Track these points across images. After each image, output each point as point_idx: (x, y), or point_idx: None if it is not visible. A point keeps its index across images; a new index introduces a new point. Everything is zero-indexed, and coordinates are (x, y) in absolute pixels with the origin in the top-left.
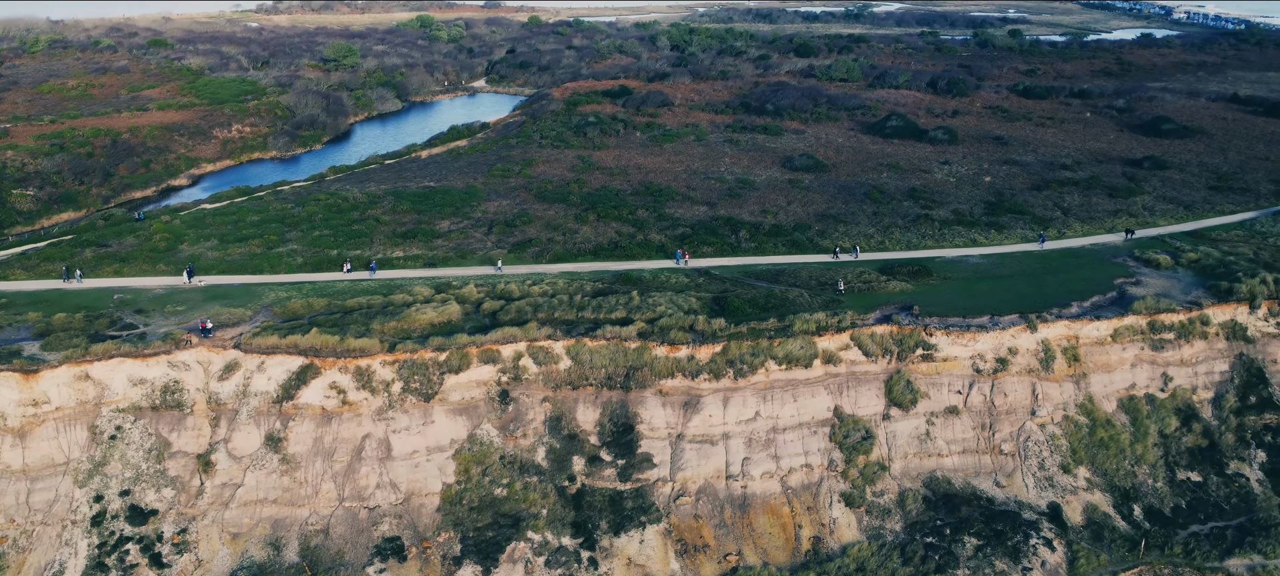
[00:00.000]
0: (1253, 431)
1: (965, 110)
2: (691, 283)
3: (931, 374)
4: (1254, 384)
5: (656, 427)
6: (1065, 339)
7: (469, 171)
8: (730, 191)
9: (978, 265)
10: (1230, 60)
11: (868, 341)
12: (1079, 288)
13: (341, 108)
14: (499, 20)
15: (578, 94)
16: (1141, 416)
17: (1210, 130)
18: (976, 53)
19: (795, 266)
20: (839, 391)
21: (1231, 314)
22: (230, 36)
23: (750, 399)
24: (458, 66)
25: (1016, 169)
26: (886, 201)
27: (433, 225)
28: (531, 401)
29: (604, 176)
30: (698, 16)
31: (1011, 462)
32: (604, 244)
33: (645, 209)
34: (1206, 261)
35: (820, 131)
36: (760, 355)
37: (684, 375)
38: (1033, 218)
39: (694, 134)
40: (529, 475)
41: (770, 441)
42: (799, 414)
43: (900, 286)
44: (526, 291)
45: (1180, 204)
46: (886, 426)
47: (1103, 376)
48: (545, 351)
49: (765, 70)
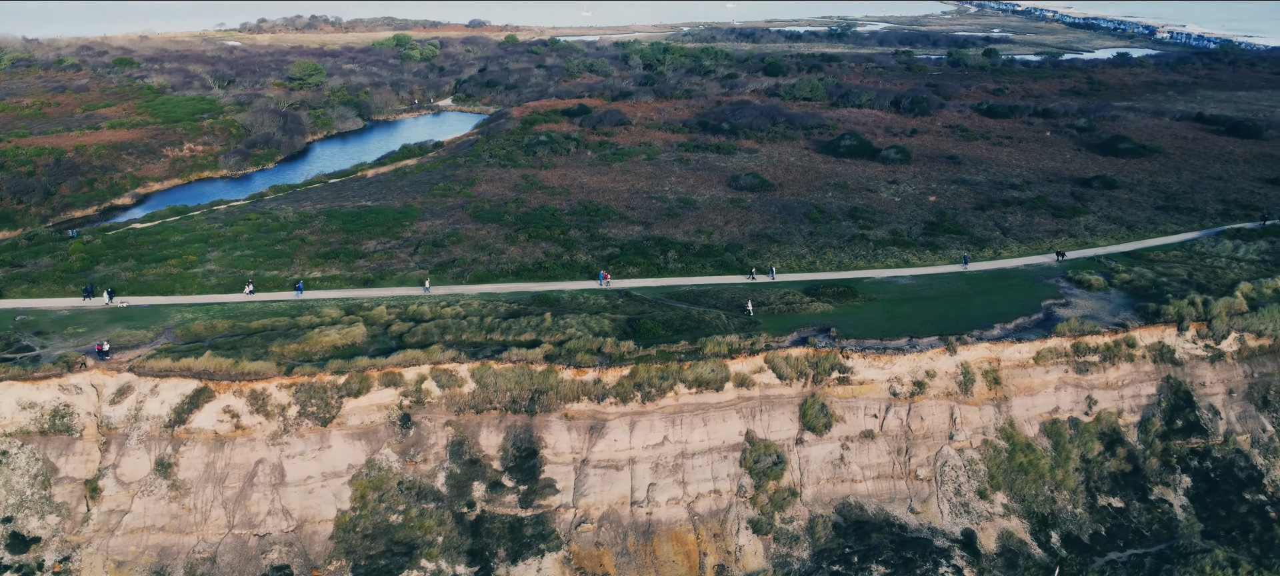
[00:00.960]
0: (1178, 455)
1: (925, 129)
2: (609, 304)
3: (848, 397)
4: (1181, 407)
5: (561, 452)
6: (986, 361)
7: (410, 191)
8: (669, 211)
9: (907, 286)
10: (1202, 79)
11: (782, 364)
12: (1006, 309)
13: (299, 126)
14: (476, 39)
15: (536, 113)
16: (1064, 440)
17: (1169, 149)
18: (948, 72)
19: (718, 288)
20: (752, 415)
21: (1159, 336)
22: (200, 55)
23: (658, 423)
24: (425, 85)
25: (965, 188)
26: (825, 221)
27: (358, 245)
28: (434, 425)
29: (545, 196)
30: (681, 36)
31: (927, 488)
32: (529, 265)
33: (579, 229)
34: (1139, 282)
35: (775, 150)
36: (669, 378)
37: (590, 399)
38: (971, 238)
39: (645, 153)
40: (427, 501)
41: (678, 466)
42: (709, 438)
43: (823, 308)
44: (438, 313)
45: (1124, 224)
46: (799, 451)
47: (1025, 400)
48: (449, 374)
49: (731, 89)
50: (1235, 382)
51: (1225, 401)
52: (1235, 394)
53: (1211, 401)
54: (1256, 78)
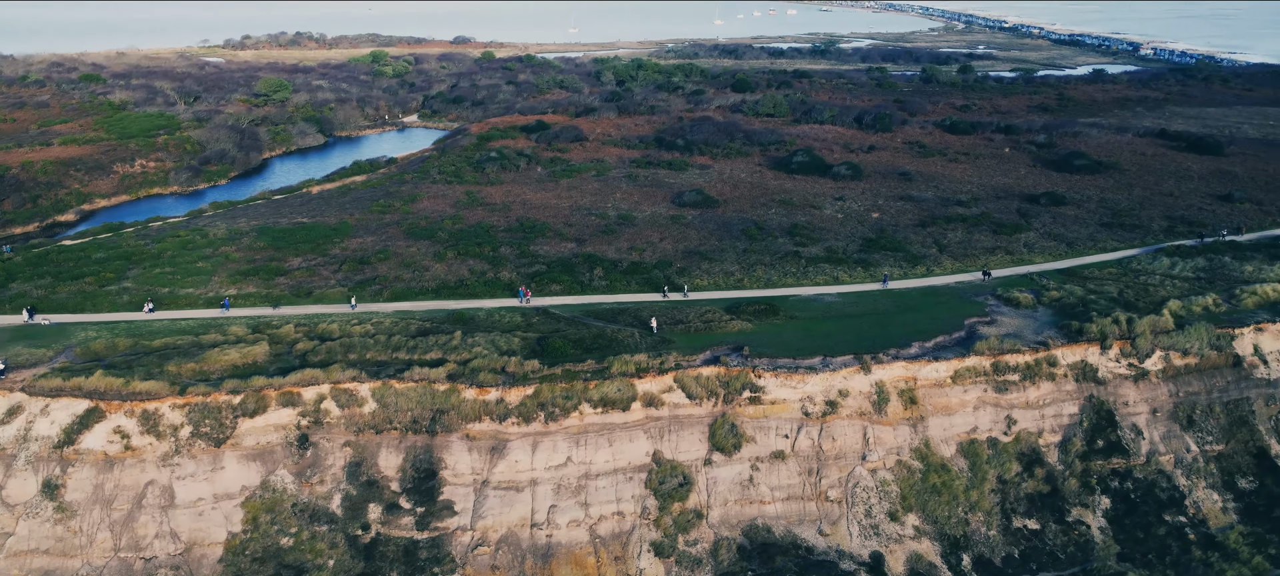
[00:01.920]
0: (1099, 476)
1: (883, 145)
2: (525, 322)
3: (759, 417)
4: (1102, 427)
5: (461, 473)
6: (903, 381)
7: (351, 207)
8: (607, 228)
9: (832, 304)
10: (1173, 96)
11: (692, 383)
12: (929, 327)
13: (256, 143)
14: (453, 56)
15: (495, 129)
16: (981, 461)
17: (1126, 165)
18: (919, 88)
19: (638, 305)
20: (660, 435)
21: (1082, 354)
22: (169, 71)
23: (561, 443)
24: (392, 101)
25: (911, 204)
26: (762, 238)
27: (283, 262)
28: (332, 446)
29: (484, 212)
30: (664, 52)
31: (837, 509)
32: (452, 282)
33: (511, 246)
34: (1068, 300)
35: (728, 166)
36: (574, 398)
37: (492, 419)
38: (906, 255)
39: (596, 169)
40: (320, 523)
41: (581, 487)
42: (614, 459)
43: (742, 326)
44: (347, 331)
45: (1064, 241)
46: (707, 472)
47: (942, 419)
48: (349, 394)
49: (696, 105)
50: (1160, 402)
51: (1149, 421)
52: (1160, 413)
53: (1135, 421)
54: (1228, 94)
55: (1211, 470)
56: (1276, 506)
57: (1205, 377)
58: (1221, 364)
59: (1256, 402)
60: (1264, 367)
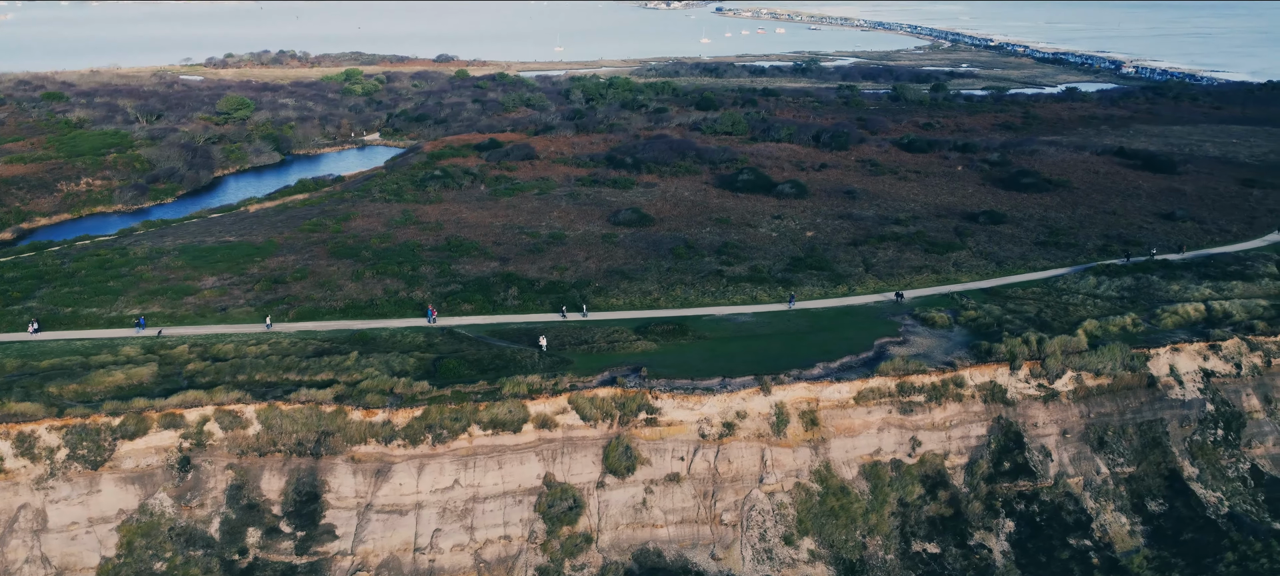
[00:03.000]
0: (1004, 499)
1: (836, 163)
2: (426, 342)
3: (655, 439)
4: (1010, 449)
5: (345, 496)
6: (805, 402)
7: (283, 226)
8: (535, 247)
9: (745, 324)
10: (1140, 114)
11: (587, 405)
12: (838, 347)
13: (208, 161)
14: (427, 75)
15: (449, 147)
16: (883, 483)
17: (1076, 183)
18: (886, 106)
19: (545, 326)
20: (552, 458)
21: (991, 375)
22: (135, 89)
23: (449, 466)
24: (357, 119)
25: (848, 223)
26: (690, 256)
27: (197, 282)
28: (214, 469)
29: (416, 231)
30: (646, 70)
31: (732, 533)
32: (363, 301)
33: (433, 265)
34: (984, 320)
35: (674, 185)
36: (463, 419)
37: (378, 441)
38: (831, 274)
39: (539, 188)
40: (197, 547)
41: (468, 511)
42: (504, 481)
43: (647, 346)
44: (242, 351)
45: (995, 260)
46: (600, 495)
47: (845, 441)
48: (234, 416)
49: (656, 123)
50: (1070, 423)
51: (1058, 442)
52: (1070, 435)
53: (1044, 442)
54: (1197, 112)
55: (1121, 492)
56: (1185, 529)
57: (1118, 398)
58: (1135, 384)
59: (1171, 423)
60: (1179, 388)
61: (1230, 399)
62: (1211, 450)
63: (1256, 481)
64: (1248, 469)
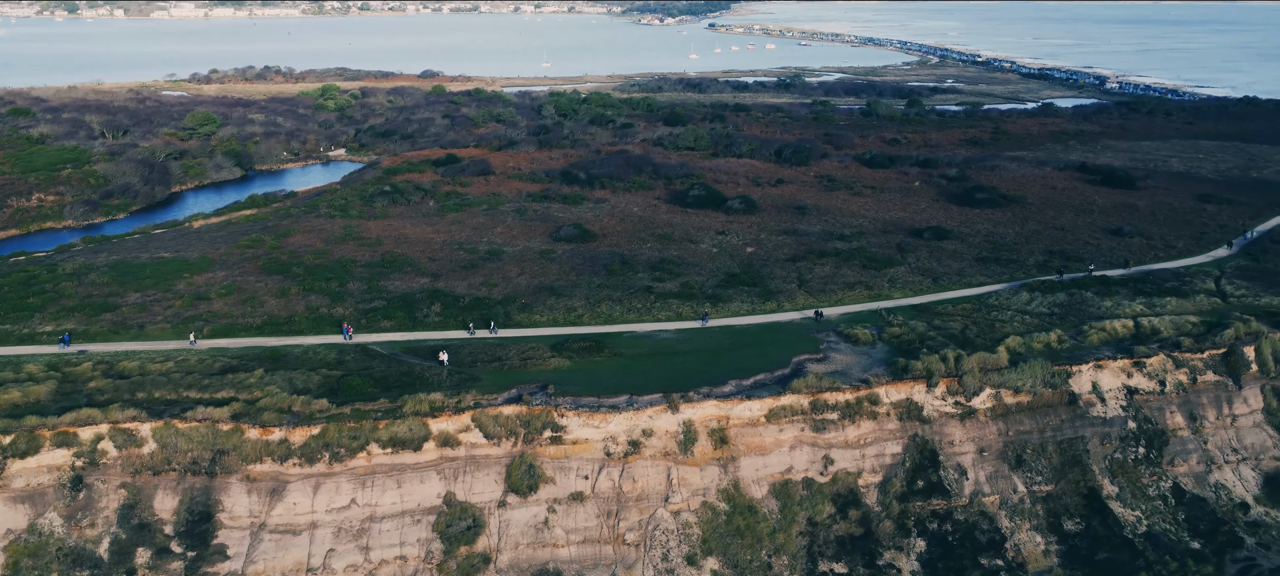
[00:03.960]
0: (916, 518)
1: (793, 179)
2: (338, 359)
3: (560, 457)
4: (925, 467)
5: (238, 516)
6: (714, 420)
7: (222, 242)
8: (471, 263)
9: (666, 341)
10: (1111, 130)
11: (491, 423)
12: (756, 365)
13: (166, 176)
14: (403, 90)
15: (407, 162)
16: (793, 502)
17: (1031, 199)
18: (857, 122)
19: (460, 343)
20: (454, 476)
21: (907, 393)
22: (106, 105)
23: (345, 485)
24: (326, 135)
25: (792, 239)
26: (623, 272)
27: (120, 298)
28: (107, 487)
29: (354, 247)
30: (630, 86)
31: (634, 553)
32: (283, 318)
33: (363, 281)
34: (907, 337)
35: (625, 200)
36: (361, 438)
37: (274, 459)
38: (763, 290)
39: (488, 204)
40: (84, 568)
41: (364, 531)
42: (402, 501)
43: (560, 363)
44: (146, 369)
45: (931, 276)
46: (501, 514)
47: (755, 460)
48: (129, 434)
49: (622, 138)
50: (988, 441)
51: (975, 461)
52: (987, 453)
53: (960, 461)
54: (1168, 127)
55: (1038, 511)
56: (1101, 548)
57: (1038, 416)
58: (1056, 402)
59: (1092, 441)
60: (1101, 405)
61: (1154, 416)
62: (1132, 468)
63: (1177, 500)
64: (1169, 487)
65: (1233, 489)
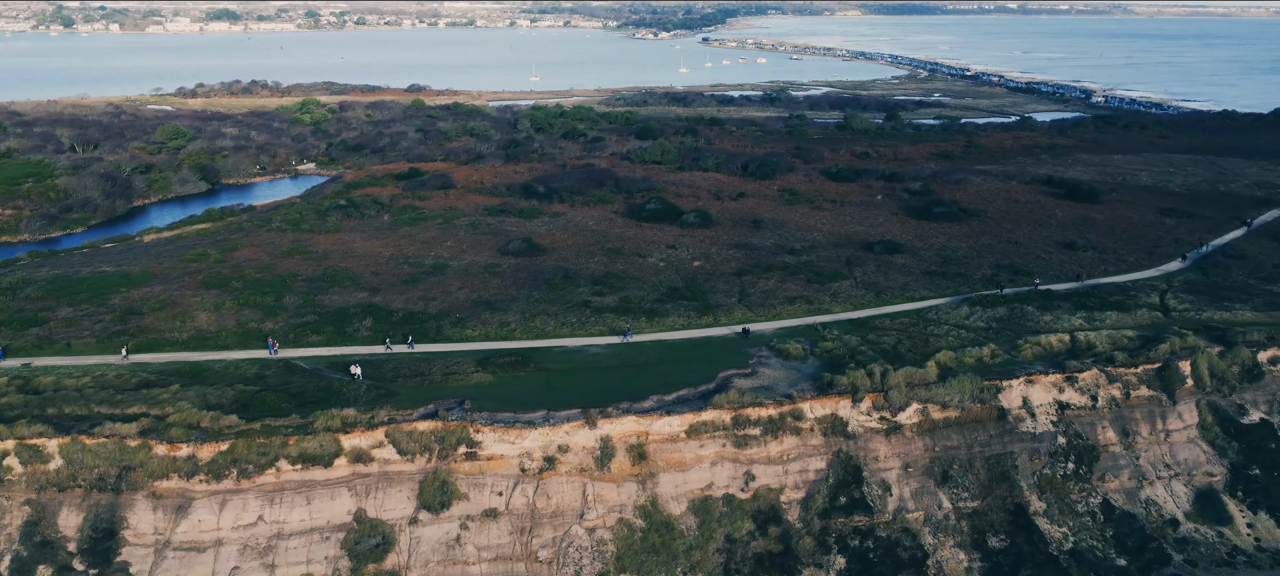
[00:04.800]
0: (838, 534)
1: (756, 193)
2: (258, 375)
3: (474, 473)
4: (848, 483)
5: (143, 533)
6: (634, 435)
7: (167, 255)
8: (413, 277)
9: (595, 355)
10: (1085, 143)
11: (404, 439)
12: (681, 379)
13: (128, 190)
14: (382, 104)
15: (371, 176)
16: (711, 519)
17: (991, 213)
18: (831, 135)
19: (383, 358)
20: (365, 493)
21: (832, 407)
22: (78, 119)
23: (252, 501)
24: (298, 149)
25: (741, 253)
26: (564, 287)
27: (51, 313)
28: (11, 504)
29: (300, 262)
30: (616, 100)
31: (547, 570)
32: (211, 333)
33: (299, 295)
34: (839, 352)
35: (582, 214)
36: (270, 454)
37: (181, 476)
38: (702, 305)
39: (443, 217)
40: None
41: (270, 548)
42: (311, 518)
43: (483, 378)
44: (61, 383)
45: (875, 290)
46: (412, 531)
47: (675, 476)
48: (35, 450)
49: (591, 152)
50: (914, 457)
51: (900, 477)
52: (913, 469)
53: (884, 477)
54: (1143, 141)
55: (963, 528)
56: (1024, 565)
57: (966, 431)
58: (985, 417)
59: (1021, 457)
60: (1031, 420)
61: (1085, 431)
62: (1061, 484)
63: (1106, 516)
64: (1099, 503)
65: (1163, 505)
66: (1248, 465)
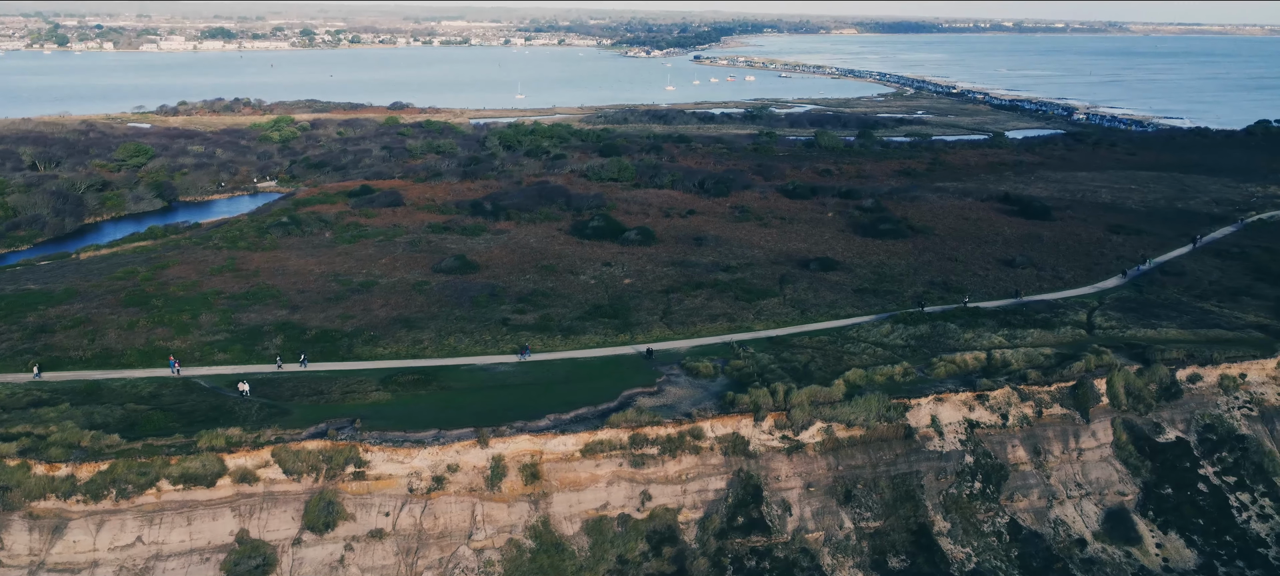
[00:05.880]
0: (734, 555)
1: (707, 210)
2: (153, 393)
3: (362, 493)
4: (747, 503)
5: (17, 554)
6: (527, 454)
7: (98, 273)
8: (339, 295)
9: (503, 374)
10: (1051, 160)
11: (291, 458)
12: (584, 398)
13: (79, 208)
14: (356, 122)
15: (324, 193)
16: (604, 539)
17: (939, 230)
18: (799, 152)
19: (284, 377)
20: (249, 513)
21: (734, 426)
22: (46, 137)
23: (131, 522)
24: (258, 166)
25: (676, 270)
26: (488, 305)
27: None
28: None
29: (230, 279)
30: (597, 117)
31: None
32: (118, 351)
33: (218, 313)
34: (749, 370)
35: (526, 231)
36: (151, 473)
37: (58, 496)
38: (623, 323)
39: (384, 235)
40: None
41: (148, 569)
42: (192, 538)
43: (382, 397)
44: None
45: (801, 307)
46: (294, 552)
47: (569, 495)
48: None
49: (550, 169)
50: (816, 476)
51: (801, 496)
52: (815, 488)
53: (784, 496)
54: (1110, 158)
55: (863, 548)
56: None
57: (872, 450)
58: (892, 436)
59: (927, 476)
60: (939, 439)
61: (994, 450)
62: (968, 504)
63: (1013, 536)
64: (1005, 523)
65: (1072, 525)
66: (1161, 484)
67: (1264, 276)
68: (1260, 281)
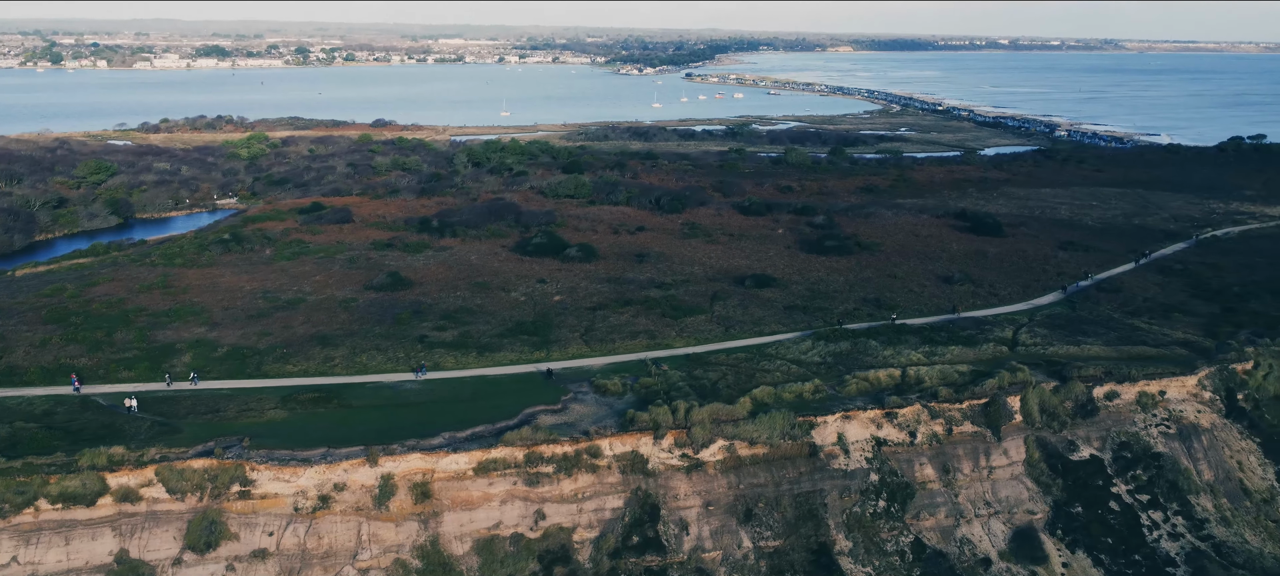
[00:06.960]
0: (628, 575)
1: (657, 227)
2: (46, 411)
3: (247, 512)
4: (643, 522)
5: None
6: (419, 473)
7: (27, 290)
8: (263, 312)
9: (407, 392)
10: (1018, 177)
11: (175, 477)
12: (484, 415)
13: (29, 225)
14: (328, 139)
15: (276, 210)
16: (495, 559)
17: (887, 247)
18: (765, 169)
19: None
20: (130, 533)
21: (633, 445)
22: (12, 154)
23: (6, 542)
24: (220, 184)
25: (609, 287)
26: (410, 322)
27: None
28: None
29: (159, 296)
30: (576, 135)
31: None
32: (23, 369)
33: (135, 331)
34: (657, 387)
35: (470, 248)
36: (29, 492)
37: None
38: (540, 340)
39: (326, 252)
40: None
41: None
42: (70, 559)
43: (278, 415)
44: None
45: (726, 324)
46: (175, 572)
47: (461, 514)
48: None
49: (510, 186)
50: (716, 495)
51: (700, 515)
52: (714, 507)
53: (683, 515)
54: (1077, 175)
55: (761, 568)
56: None
57: (774, 469)
58: (796, 454)
59: (830, 494)
60: (844, 457)
61: (901, 468)
62: (871, 523)
63: (917, 555)
64: (910, 542)
65: (978, 544)
66: (1071, 502)
67: (1201, 293)
68: (1196, 298)
